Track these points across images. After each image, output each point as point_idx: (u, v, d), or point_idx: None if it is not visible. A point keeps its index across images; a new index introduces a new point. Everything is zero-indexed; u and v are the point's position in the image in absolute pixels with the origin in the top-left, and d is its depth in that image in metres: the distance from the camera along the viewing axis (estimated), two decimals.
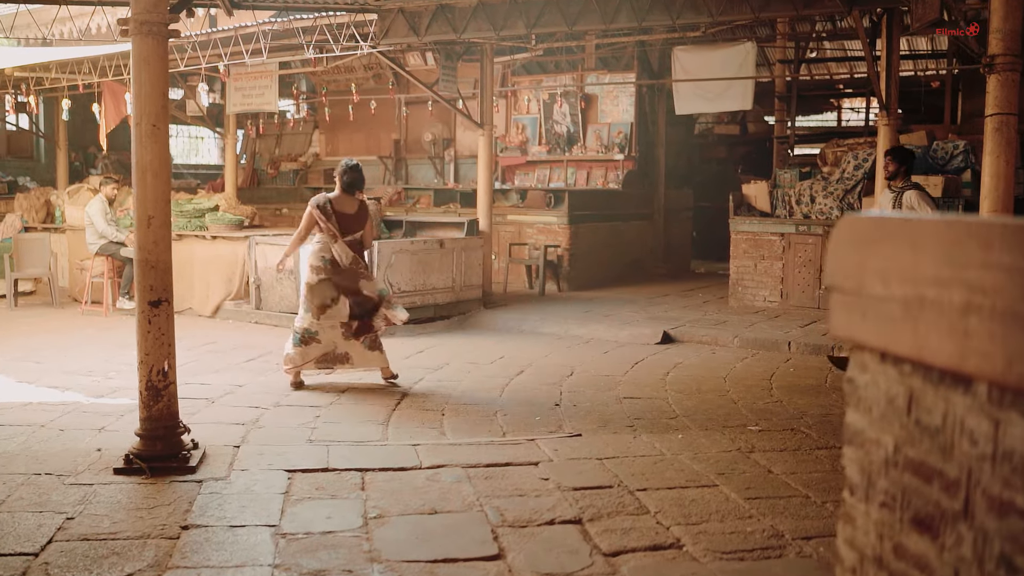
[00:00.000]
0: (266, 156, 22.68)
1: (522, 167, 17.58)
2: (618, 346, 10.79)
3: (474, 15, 10.06)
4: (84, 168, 21.03)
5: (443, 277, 12.42)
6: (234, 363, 9.80)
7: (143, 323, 5.64)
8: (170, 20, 5.56)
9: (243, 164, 22.67)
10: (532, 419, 7.38)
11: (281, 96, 18.28)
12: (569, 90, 16.80)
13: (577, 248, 15.21)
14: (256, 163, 22.65)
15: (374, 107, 16.80)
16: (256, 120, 19.90)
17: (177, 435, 5.78)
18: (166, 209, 5.61)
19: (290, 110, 23.18)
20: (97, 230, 13.46)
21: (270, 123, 20.97)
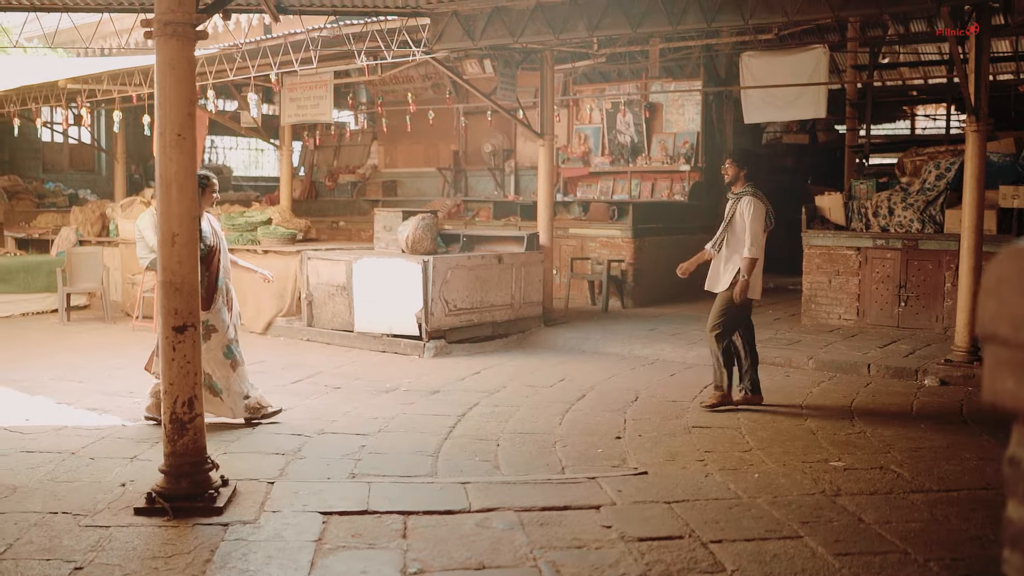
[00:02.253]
0: (324, 168, 22.39)
1: (585, 178, 17.02)
2: (685, 368, 10.18)
3: (532, 18, 9.53)
4: (144, 181, 20.94)
5: (501, 294, 11.90)
6: (281, 384, 9.36)
7: (167, 350, 5.18)
8: (198, 21, 5.10)
9: (301, 176, 22.42)
10: (594, 451, 6.82)
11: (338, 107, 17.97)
12: (633, 99, 16.21)
13: (642, 263, 14.59)
14: (314, 175, 22.37)
15: (432, 117, 16.37)
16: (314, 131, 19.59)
17: (204, 472, 5.31)
18: (192, 226, 5.15)
19: (349, 121, 22.94)
20: (148, 244, 13.12)
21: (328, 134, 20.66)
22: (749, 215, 8.14)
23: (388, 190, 20.65)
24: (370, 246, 13.11)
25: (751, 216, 8.13)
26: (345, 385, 9.32)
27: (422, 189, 20.08)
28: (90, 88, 14.00)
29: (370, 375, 9.84)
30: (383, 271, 11.41)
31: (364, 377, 9.72)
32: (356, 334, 11.63)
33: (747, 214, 8.15)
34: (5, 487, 5.80)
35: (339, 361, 10.67)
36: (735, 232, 8.27)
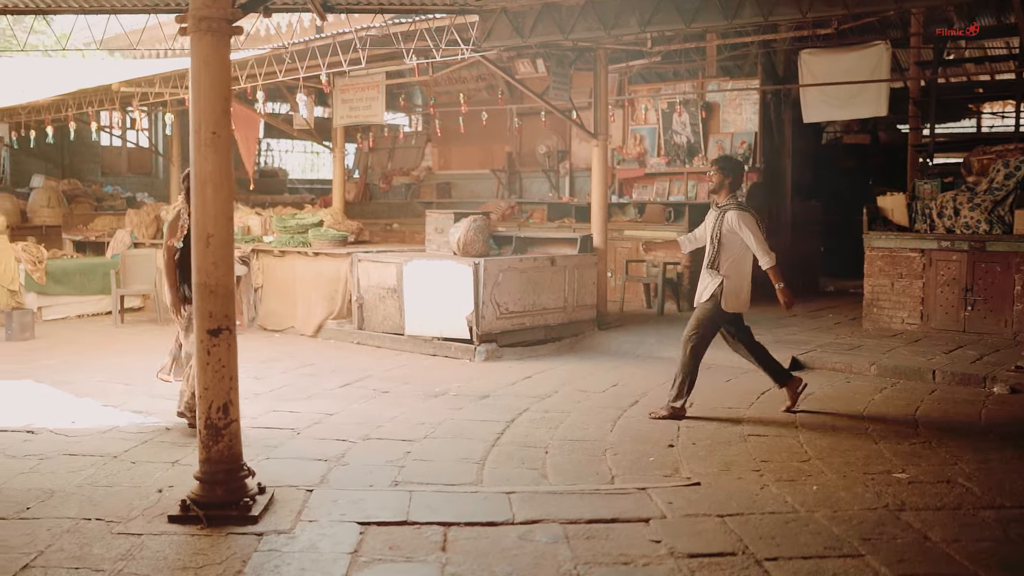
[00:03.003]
0: (378, 170, 22.34)
1: (640, 180, 16.72)
2: (741, 373, 9.87)
3: (583, 14, 9.30)
4: None
5: (554, 296, 11.68)
6: (328, 388, 9.25)
7: (202, 354, 5.05)
8: (233, 17, 4.96)
9: (356, 179, 22.39)
10: (645, 460, 6.58)
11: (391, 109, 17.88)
12: (689, 98, 15.90)
13: (698, 265, 14.12)
14: (368, 177, 22.33)
15: (485, 118, 16.20)
16: (367, 133, 19.54)
17: (239, 479, 5.16)
18: (228, 227, 5.01)
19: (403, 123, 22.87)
20: None
21: (382, 137, 20.60)
22: (749, 232, 7.83)
23: (442, 192, 20.54)
24: (422, 248, 12.98)
25: (751, 232, 7.83)
26: (393, 389, 9.17)
27: (476, 191, 19.93)
28: (143, 91, 14.04)
29: (419, 379, 9.68)
30: (434, 273, 11.26)
31: (413, 381, 9.57)
32: (407, 337, 11.49)
33: (743, 231, 7.84)
34: (43, 491, 5.73)
35: (389, 364, 10.53)
36: (724, 247, 7.94)
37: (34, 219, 17.90)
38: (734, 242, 7.90)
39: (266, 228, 14.55)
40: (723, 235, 7.90)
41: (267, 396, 8.88)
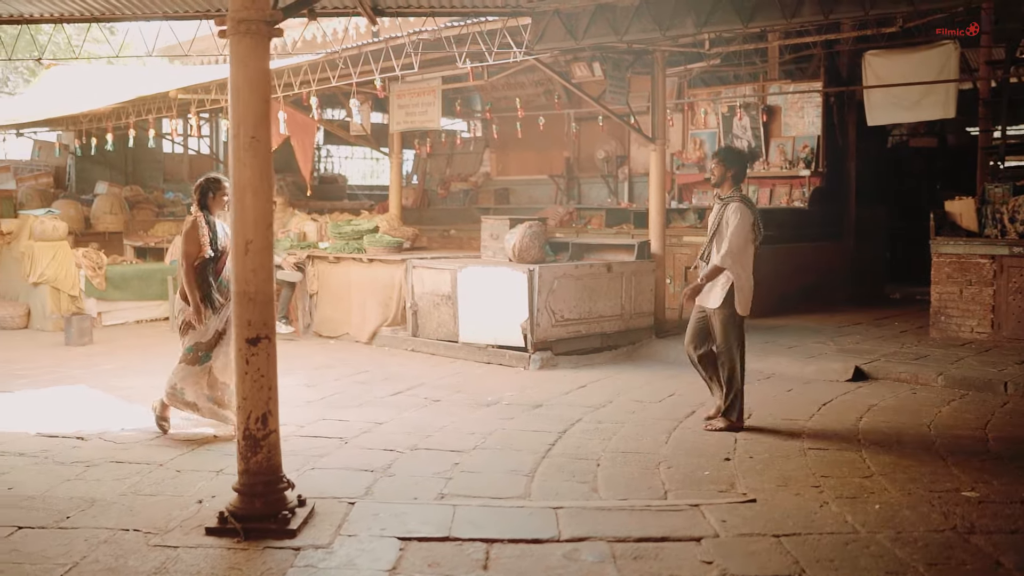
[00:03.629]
0: (437, 176, 22.29)
1: (700, 185, 16.45)
2: (803, 383, 9.59)
3: (637, 15, 9.09)
4: None
5: (611, 304, 11.47)
6: (380, 396, 9.14)
7: (240, 363, 4.94)
8: (273, 19, 4.84)
9: (414, 185, 22.37)
10: (700, 474, 6.36)
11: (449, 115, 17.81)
12: (750, 101, 15.59)
13: (758, 272, 13.86)
14: (427, 183, 22.29)
15: (543, 123, 16.04)
16: (425, 139, 19.49)
17: (278, 492, 5.05)
18: (267, 233, 4.90)
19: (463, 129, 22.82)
20: None
21: (440, 142, 20.55)
22: (732, 222, 7.42)
23: (500, 198, 20.43)
24: (477, 255, 12.85)
25: (735, 225, 7.41)
26: (445, 398, 9.03)
27: (535, 197, 19.79)
28: (199, 98, 14.09)
29: (472, 388, 9.54)
30: (488, 280, 11.12)
31: (465, 390, 9.43)
32: (461, 344, 11.36)
33: (731, 222, 7.43)
34: (85, 500, 5.68)
35: (442, 372, 10.40)
36: (723, 240, 7.52)
37: (97, 225, 18.07)
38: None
39: (322, 234, 14.52)
40: (722, 227, 7.55)
41: (318, 404, 8.80)
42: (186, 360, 7.64)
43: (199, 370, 7.62)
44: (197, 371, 7.62)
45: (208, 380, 7.64)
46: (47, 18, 9.51)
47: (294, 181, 19.97)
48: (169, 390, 7.66)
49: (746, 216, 7.44)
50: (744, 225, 7.42)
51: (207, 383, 7.64)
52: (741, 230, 7.41)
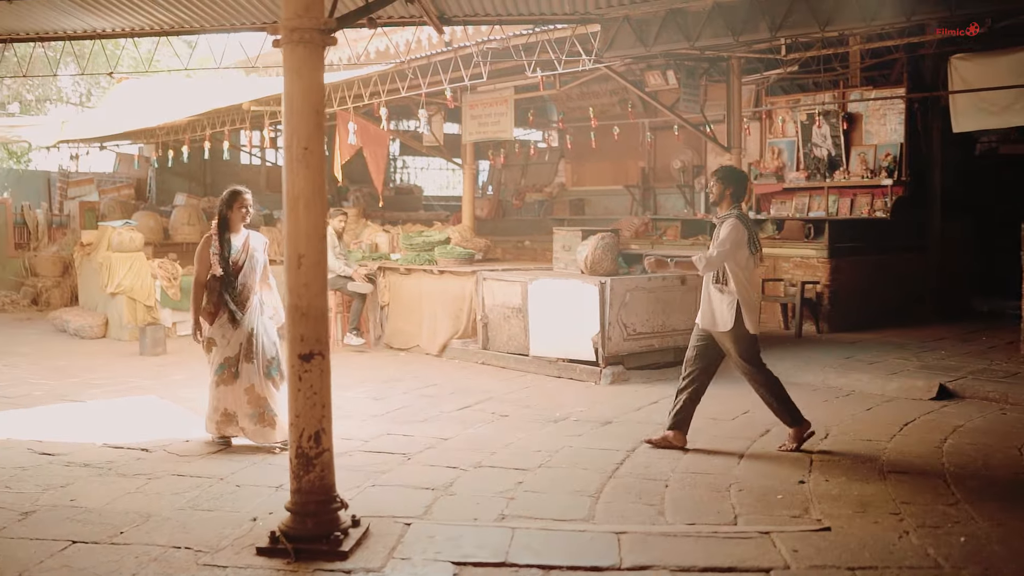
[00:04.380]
0: (511, 187, 22.18)
1: (778, 195, 16.07)
2: (884, 401, 9.22)
3: (709, 20, 8.83)
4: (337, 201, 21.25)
5: (685, 317, 11.18)
6: (447, 411, 9.00)
7: (293, 379, 4.82)
8: (327, 27, 4.72)
9: (490, 195, 22.30)
10: (772, 497, 6.08)
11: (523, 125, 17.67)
12: (829, 109, 15.18)
13: (838, 284, 13.56)
14: (502, 194, 22.19)
15: (617, 133, 15.81)
16: (499, 150, 19.40)
17: (331, 512, 4.91)
18: (320, 246, 4.77)
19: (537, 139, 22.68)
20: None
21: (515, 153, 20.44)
22: (723, 234, 7.23)
23: (575, 209, 20.24)
24: (549, 266, 12.68)
25: (724, 237, 7.21)
26: (513, 413, 8.86)
27: (610, 208, 19.57)
28: (272, 110, 14.16)
29: (541, 402, 9.36)
30: (559, 292, 10.93)
31: (534, 404, 9.25)
32: (531, 358, 11.19)
33: (722, 235, 7.25)
34: (140, 514, 5.64)
35: (511, 387, 10.24)
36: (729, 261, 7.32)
37: (176, 236, 18.29)
38: (737, 256, 7.31)
39: (393, 246, 14.49)
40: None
41: (383, 418, 8.70)
42: (221, 380, 7.61)
43: (237, 387, 7.57)
44: (235, 388, 7.58)
45: (249, 398, 7.56)
46: (118, 33, 9.60)
47: (369, 192, 20.03)
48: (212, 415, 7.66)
49: (739, 231, 7.27)
50: (733, 238, 7.23)
51: (247, 400, 7.56)
52: (729, 242, 7.22)
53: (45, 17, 9.18)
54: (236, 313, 7.54)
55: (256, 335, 7.60)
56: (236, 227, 7.70)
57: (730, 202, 7.43)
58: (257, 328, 7.62)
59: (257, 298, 7.70)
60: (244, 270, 7.61)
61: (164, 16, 9.01)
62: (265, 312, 7.77)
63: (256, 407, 7.53)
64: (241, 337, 7.57)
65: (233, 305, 7.54)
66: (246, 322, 7.58)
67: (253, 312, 7.64)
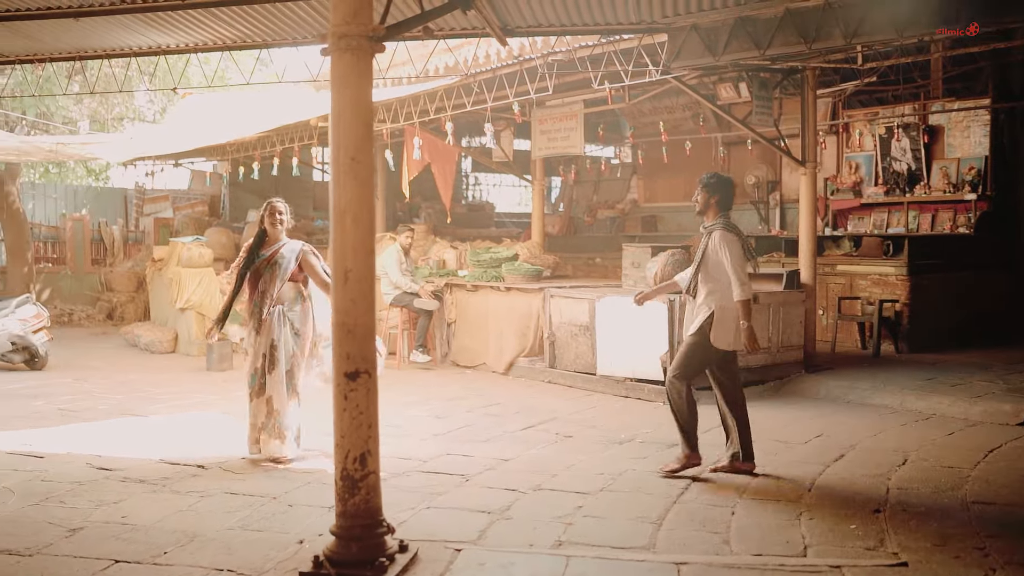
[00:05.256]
0: (583, 203, 21.95)
1: (856, 211, 15.61)
2: (967, 426, 8.78)
3: (780, 27, 8.51)
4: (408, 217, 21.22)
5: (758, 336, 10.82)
6: (509, 430, 8.80)
7: (338, 399, 4.64)
8: (375, 34, 4.56)
9: (561, 212, 22.10)
10: (845, 526, 5.75)
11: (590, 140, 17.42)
12: (909, 121, 14.69)
13: (918, 303, 13.06)
14: (573, 210, 21.97)
15: (689, 148, 15.50)
16: (571, 165, 19.19)
17: (377, 536, 4.72)
18: (368, 261, 4.60)
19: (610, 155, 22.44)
20: (391, 280, 13.07)
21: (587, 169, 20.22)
22: (727, 254, 6.95)
23: (648, 225, 19.93)
24: (618, 283, 12.44)
25: (730, 255, 6.95)
26: (577, 434, 8.62)
27: (683, 224, 19.21)
28: None
29: (606, 423, 9.11)
30: (627, 310, 10.64)
31: (600, 425, 9.01)
32: (598, 377, 10.95)
33: (723, 253, 6.96)
34: (187, 534, 5.53)
35: (577, 406, 10.01)
36: (708, 272, 7.06)
37: None
38: (720, 267, 7.03)
39: (461, 262, 14.36)
40: (708, 258, 7.09)
41: (444, 437, 8.52)
42: (253, 394, 7.67)
43: (263, 400, 7.59)
44: (261, 402, 7.61)
45: (268, 408, 7.57)
46: (182, 49, 9.61)
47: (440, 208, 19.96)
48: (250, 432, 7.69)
49: (735, 244, 7.03)
50: (737, 252, 7.01)
51: (266, 411, 7.57)
52: (739, 259, 7.00)
53: (111, 34, 9.22)
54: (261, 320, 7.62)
55: (277, 346, 7.59)
56: (273, 237, 7.79)
57: (716, 211, 7.21)
58: (279, 339, 7.60)
59: (282, 308, 7.66)
60: (264, 278, 7.66)
61: (227, 31, 9.00)
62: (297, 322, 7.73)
63: (270, 418, 7.55)
64: (263, 347, 7.59)
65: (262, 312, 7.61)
66: (266, 332, 7.60)
67: (275, 322, 7.62)
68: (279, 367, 7.56)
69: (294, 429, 7.61)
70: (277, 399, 7.53)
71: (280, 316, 7.63)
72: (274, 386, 7.55)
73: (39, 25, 8.87)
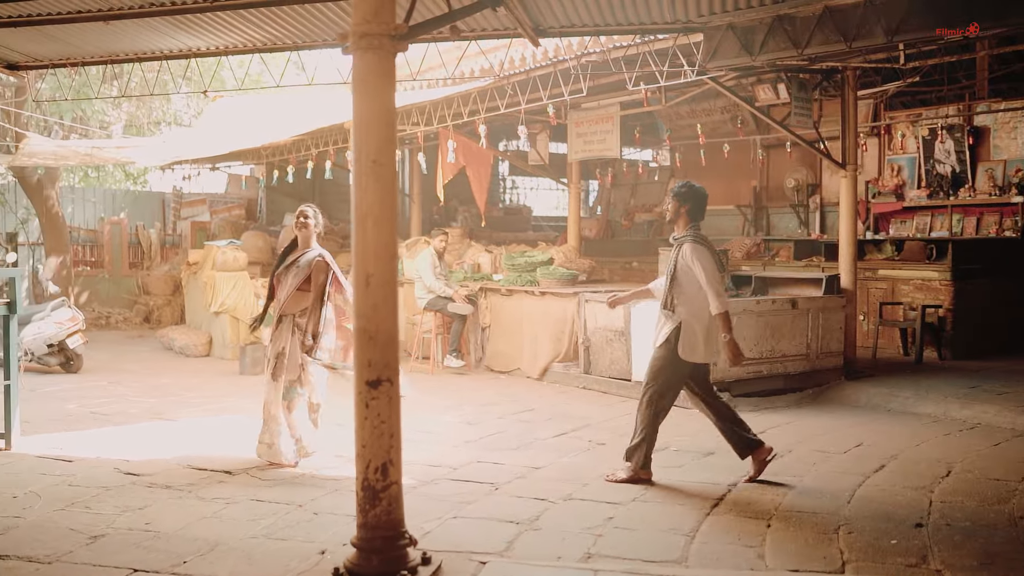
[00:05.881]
0: (620, 207, 21.74)
1: (898, 214, 15.31)
2: (1014, 436, 8.52)
3: (819, 25, 8.29)
4: (445, 221, 21.14)
5: (795, 342, 10.65)
6: (541, 437, 8.66)
7: (360, 407, 4.52)
8: (397, 32, 4.43)
9: (598, 215, 21.91)
10: (885, 542, 5.54)
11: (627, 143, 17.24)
12: (953, 123, 14.37)
13: (962, 308, 12.76)
14: (610, 214, 21.77)
15: (727, 151, 15.27)
16: (607, 169, 19.00)
17: (398, 548, 4.59)
18: (390, 265, 4.46)
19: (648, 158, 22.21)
20: (425, 284, 12.96)
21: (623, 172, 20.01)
22: (700, 268, 6.80)
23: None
24: None
25: (703, 267, 6.80)
26: (611, 441, 8.45)
27: (721, 228, 18.96)
28: None
29: None
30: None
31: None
32: (634, 383, 10.76)
33: (696, 266, 6.82)
34: (208, 542, 5.44)
35: (612, 413, 9.84)
36: (680, 285, 6.92)
37: None
38: (690, 279, 6.88)
39: (496, 266, 14.23)
40: (678, 270, 6.94)
41: (476, 444, 8.40)
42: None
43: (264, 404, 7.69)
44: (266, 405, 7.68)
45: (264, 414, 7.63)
46: (212, 51, 9.56)
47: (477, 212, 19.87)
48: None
49: (706, 256, 6.89)
50: (710, 263, 6.87)
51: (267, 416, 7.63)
52: (713, 271, 6.86)
53: (142, 37, 9.19)
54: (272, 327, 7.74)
55: (285, 354, 7.60)
56: (303, 243, 7.79)
57: (687, 220, 7.08)
58: (288, 347, 7.61)
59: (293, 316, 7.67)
60: (283, 284, 7.71)
61: (257, 33, 8.93)
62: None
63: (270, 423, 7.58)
64: (273, 353, 7.67)
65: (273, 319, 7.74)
66: (276, 339, 7.66)
67: (284, 330, 7.66)
68: (282, 376, 7.55)
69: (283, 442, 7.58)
70: (274, 405, 7.56)
71: (290, 325, 7.62)
72: (271, 393, 7.57)
73: (71, 29, 8.86)
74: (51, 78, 14.98)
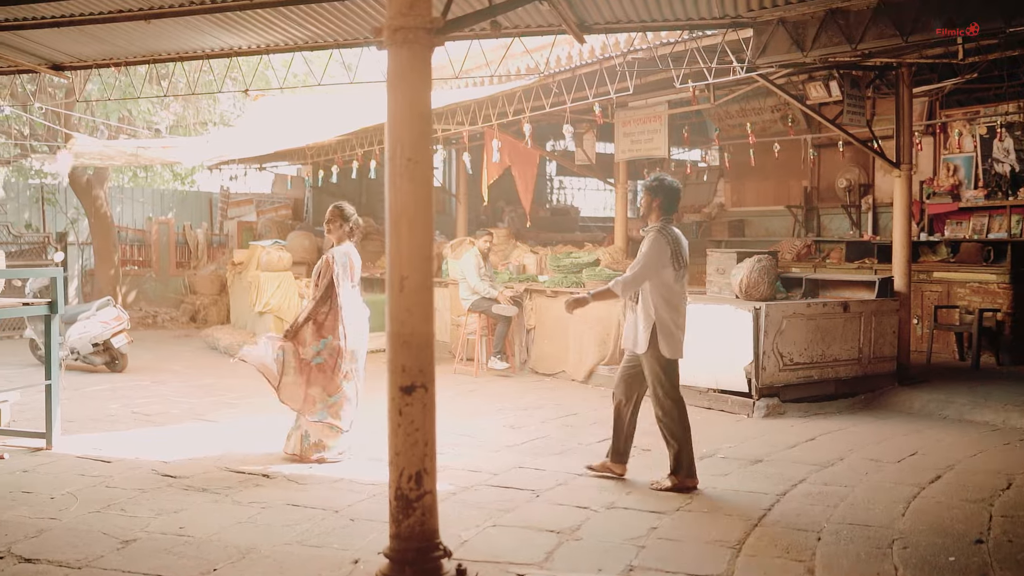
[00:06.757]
0: None
1: (954, 215, 14.90)
2: None
3: (873, 19, 8.00)
4: (492, 221, 21.03)
5: (847, 347, 10.37)
6: (585, 443, 8.49)
7: (393, 414, 4.36)
8: (434, 26, 4.27)
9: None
10: (943, 558, 5.29)
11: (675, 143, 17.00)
12: (1013, 120, 13.95)
13: (1022, 312, 12.38)
14: None
15: (778, 150, 14.98)
16: (655, 169, 18.76)
17: (432, 560, 4.42)
18: (425, 268, 4.30)
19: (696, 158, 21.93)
20: (470, 285, 12.83)
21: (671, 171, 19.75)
22: (642, 250, 6.78)
23: (734, 230, 19.38)
24: (703, 290, 12.03)
25: (644, 251, 6.76)
26: (655, 447, 8.22)
27: (771, 229, 18.64)
28: None
29: None
30: (710, 318, 10.25)
31: None
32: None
33: (642, 250, 6.80)
34: (240, 549, 5.32)
35: None
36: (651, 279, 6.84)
37: None
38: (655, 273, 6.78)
39: (541, 267, 14.06)
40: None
41: (517, 449, 8.24)
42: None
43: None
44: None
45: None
46: (253, 50, 9.49)
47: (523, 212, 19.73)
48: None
49: (659, 246, 6.78)
50: (654, 254, 6.78)
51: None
52: (650, 258, 6.77)
53: (183, 36, 9.15)
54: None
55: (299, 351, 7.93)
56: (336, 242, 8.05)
57: (659, 214, 6.97)
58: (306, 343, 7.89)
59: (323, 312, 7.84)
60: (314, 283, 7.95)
61: (298, 32, 8.83)
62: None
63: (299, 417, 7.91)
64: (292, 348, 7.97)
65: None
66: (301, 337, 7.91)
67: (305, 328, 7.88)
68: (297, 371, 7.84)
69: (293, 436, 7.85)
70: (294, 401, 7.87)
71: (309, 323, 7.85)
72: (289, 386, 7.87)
73: (113, 28, 8.84)
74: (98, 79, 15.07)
